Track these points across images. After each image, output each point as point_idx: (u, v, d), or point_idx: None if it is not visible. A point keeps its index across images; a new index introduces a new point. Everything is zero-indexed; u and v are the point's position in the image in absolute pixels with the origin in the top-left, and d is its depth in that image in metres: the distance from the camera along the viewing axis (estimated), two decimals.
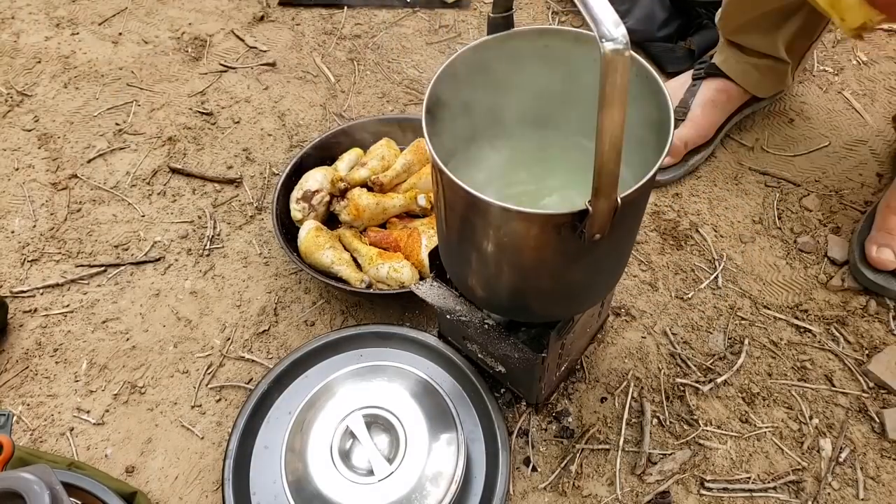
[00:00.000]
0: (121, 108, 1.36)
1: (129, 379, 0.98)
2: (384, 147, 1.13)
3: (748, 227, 1.12)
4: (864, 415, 0.91)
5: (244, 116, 1.33)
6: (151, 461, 0.90)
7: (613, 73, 0.43)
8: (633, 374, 0.96)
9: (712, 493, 0.85)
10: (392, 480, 0.77)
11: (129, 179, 1.23)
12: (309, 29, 1.50)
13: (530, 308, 0.73)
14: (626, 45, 0.43)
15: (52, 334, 1.03)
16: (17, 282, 1.09)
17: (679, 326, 1.01)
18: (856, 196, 1.15)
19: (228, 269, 1.10)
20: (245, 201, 1.19)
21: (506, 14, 0.66)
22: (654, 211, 1.14)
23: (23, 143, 1.30)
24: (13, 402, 0.96)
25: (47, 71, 1.43)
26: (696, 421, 0.91)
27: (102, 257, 1.12)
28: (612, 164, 0.48)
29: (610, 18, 0.43)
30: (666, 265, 1.07)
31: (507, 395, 0.93)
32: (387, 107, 1.34)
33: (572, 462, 0.88)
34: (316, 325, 1.03)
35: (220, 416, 0.94)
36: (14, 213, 1.19)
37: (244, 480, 0.84)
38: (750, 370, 0.96)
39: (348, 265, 1.00)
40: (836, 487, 0.86)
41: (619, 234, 0.64)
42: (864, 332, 0.99)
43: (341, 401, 0.83)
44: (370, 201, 1.04)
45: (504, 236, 0.62)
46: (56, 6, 1.58)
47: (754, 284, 1.05)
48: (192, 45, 1.47)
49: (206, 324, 1.04)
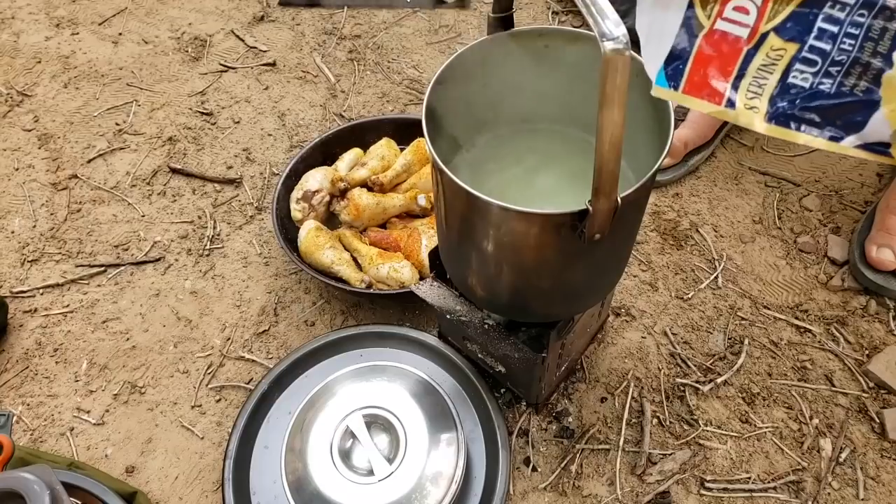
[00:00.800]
0: (121, 108, 1.36)
1: (129, 379, 0.98)
2: (384, 147, 1.13)
3: (748, 227, 1.12)
4: (864, 415, 0.91)
5: (244, 116, 1.33)
6: (151, 461, 0.90)
7: (613, 72, 0.43)
8: (633, 374, 0.96)
9: (712, 493, 0.85)
10: (392, 480, 0.77)
11: (129, 179, 1.23)
12: (309, 29, 1.50)
13: (530, 308, 0.73)
14: (626, 44, 0.43)
15: (52, 334, 1.03)
16: (17, 282, 1.09)
17: (679, 326, 1.00)
18: (856, 196, 1.15)
19: (228, 269, 1.10)
20: (245, 201, 1.19)
21: (506, 14, 0.66)
22: (654, 211, 1.14)
23: (23, 143, 1.30)
24: (13, 402, 0.96)
25: (47, 71, 1.43)
26: (696, 421, 0.91)
27: (102, 257, 1.12)
28: (612, 164, 0.48)
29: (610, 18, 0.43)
30: (666, 265, 1.07)
31: (507, 395, 0.93)
32: (387, 107, 1.34)
33: (572, 462, 0.88)
34: (316, 325, 1.03)
35: (220, 416, 0.94)
36: (14, 213, 1.19)
37: (244, 480, 0.84)
38: (750, 370, 0.96)
39: (348, 265, 1.00)
40: (836, 487, 0.86)
41: (620, 233, 0.64)
42: (864, 332, 0.99)
43: (341, 401, 0.83)
44: (370, 201, 1.04)
45: (504, 236, 0.62)
46: (56, 6, 1.58)
47: (754, 284, 1.05)
48: (192, 45, 1.47)
49: (206, 324, 1.04)
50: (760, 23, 0.49)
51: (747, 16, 0.49)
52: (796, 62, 0.49)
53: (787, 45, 0.49)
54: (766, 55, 0.49)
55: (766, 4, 0.48)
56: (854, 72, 0.48)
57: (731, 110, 0.51)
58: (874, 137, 0.49)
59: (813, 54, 0.48)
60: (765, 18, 0.49)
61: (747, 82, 0.50)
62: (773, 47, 0.49)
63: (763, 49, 0.49)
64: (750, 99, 0.50)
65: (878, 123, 0.48)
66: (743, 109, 0.50)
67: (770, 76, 0.49)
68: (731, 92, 0.50)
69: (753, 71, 0.50)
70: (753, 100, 0.50)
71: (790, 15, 0.48)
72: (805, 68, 0.49)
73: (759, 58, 0.49)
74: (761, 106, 0.50)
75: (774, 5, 0.48)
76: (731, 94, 0.50)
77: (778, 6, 0.48)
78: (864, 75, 0.48)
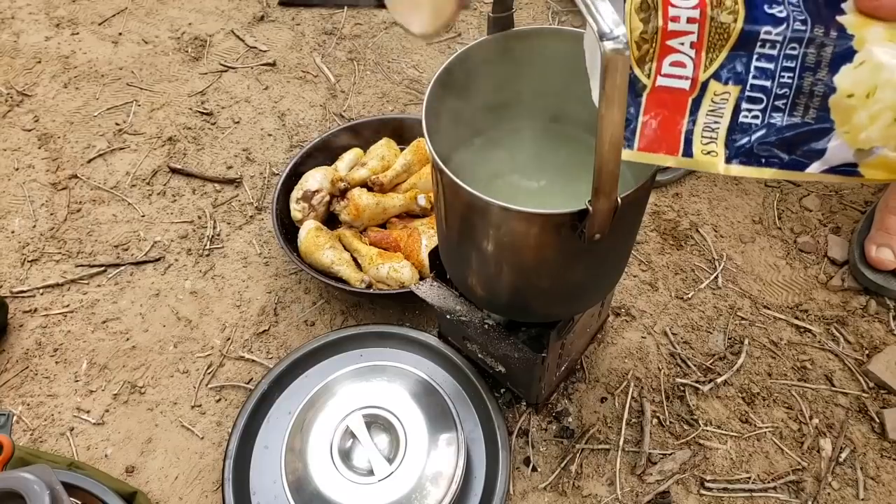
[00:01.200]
0: (121, 108, 1.36)
1: (129, 379, 0.98)
2: (384, 147, 1.13)
3: (748, 227, 1.12)
4: (864, 415, 0.91)
5: (244, 116, 1.33)
6: (151, 461, 0.90)
7: (613, 72, 0.43)
8: (633, 374, 0.96)
9: (712, 493, 0.85)
10: (392, 480, 0.77)
11: (129, 179, 1.23)
12: (309, 29, 1.50)
13: (530, 308, 0.73)
14: (626, 44, 0.42)
15: (52, 334, 1.03)
16: (17, 282, 1.09)
17: (679, 326, 1.00)
18: (856, 196, 1.15)
19: (228, 269, 1.10)
20: (245, 201, 1.19)
21: (506, 14, 0.66)
22: (654, 211, 1.14)
23: (23, 143, 1.30)
24: (13, 402, 0.96)
25: (47, 71, 1.43)
26: (696, 421, 0.91)
27: (102, 257, 1.12)
28: (612, 164, 0.48)
29: (610, 18, 0.43)
30: (666, 265, 1.07)
31: (507, 395, 0.93)
32: (387, 107, 1.34)
33: (572, 462, 0.88)
34: (316, 325, 1.03)
35: (220, 416, 0.94)
36: (14, 213, 1.19)
37: (244, 480, 0.84)
38: (750, 370, 0.96)
39: (348, 265, 1.00)
40: (836, 487, 0.86)
41: (619, 233, 0.64)
42: (864, 332, 0.99)
43: (341, 401, 0.83)
44: (370, 201, 1.04)
45: (504, 236, 0.62)
46: (56, 6, 1.58)
47: (754, 284, 1.05)
48: (192, 45, 1.47)
49: (206, 324, 1.04)
50: (699, 72, 0.49)
51: (685, 69, 0.49)
52: (743, 102, 0.50)
53: (730, 88, 0.50)
54: (711, 101, 0.50)
55: (699, 55, 0.49)
56: (800, 102, 0.49)
57: (689, 159, 0.51)
58: (838, 160, 0.49)
59: (756, 92, 0.49)
60: (701, 68, 0.49)
61: (699, 129, 0.51)
62: (716, 92, 0.50)
63: (707, 96, 0.50)
64: (706, 144, 0.51)
65: (838, 147, 0.49)
66: (701, 156, 0.51)
67: (721, 119, 0.50)
68: (686, 142, 0.51)
69: (703, 117, 0.50)
70: (709, 144, 0.51)
71: (724, 61, 0.49)
72: (752, 107, 0.50)
73: (705, 104, 0.50)
74: (719, 150, 0.51)
75: (708, 54, 0.49)
76: (685, 144, 0.51)
77: (711, 55, 0.49)
78: (811, 103, 0.48)
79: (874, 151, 0.48)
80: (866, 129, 0.48)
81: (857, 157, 0.49)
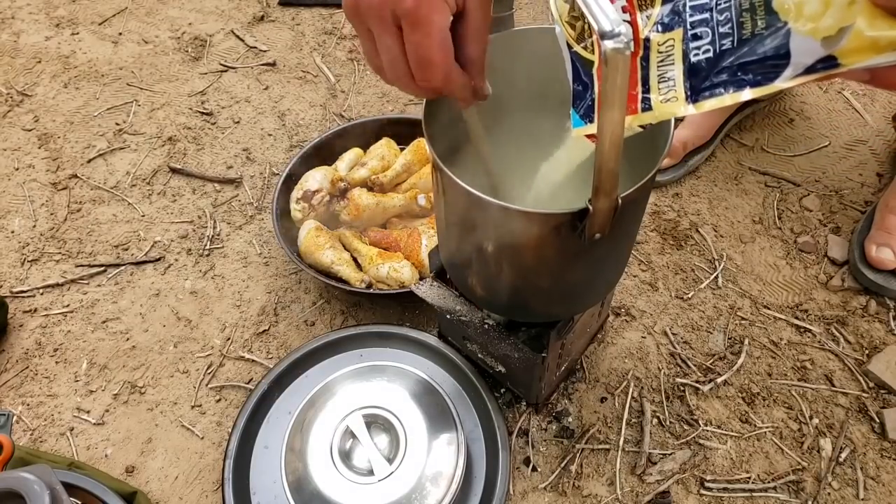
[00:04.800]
0: (121, 108, 1.36)
1: (129, 379, 0.98)
2: (384, 147, 1.13)
3: (748, 227, 1.12)
4: (864, 415, 0.91)
5: (244, 116, 1.33)
6: (151, 461, 0.90)
7: (614, 72, 0.43)
8: (633, 374, 0.96)
9: (712, 493, 0.85)
10: (392, 480, 0.77)
11: (129, 179, 1.23)
12: (309, 29, 1.50)
13: (530, 308, 0.73)
14: (626, 44, 0.42)
15: (52, 334, 1.03)
16: (17, 282, 1.09)
17: (679, 326, 1.00)
18: (856, 196, 1.15)
19: (228, 269, 1.10)
20: (245, 201, 1.19)
21: (506, 14, 0.66)
22: (654, 211, 1.14)
23: (23, 143, 1.30)
24: (13, 402, 0.96)
25: (47, 71, 1.43)
26: (696, 421, 0.91)
27: (102, 257, 1.12)
28: (612, 164, 0.48)
29: (610, 17, 0.43)
30: (666, 265, 1.07)
31: (507, 395, 0.93)
32: (387, 107, 1.34)
33: (572, 462, 0.88)
34: (316, 325, 1.03)
35: (220, 416, 0.94)
36: (14, 213, 1.19)
37: (244, 480, 0.84)
38: (750, 370, 0.96)
39: (348, 265, 1.00)
40: (836, 487, 0.86)
41: (619, 233, 0.64)
42: (864, 332, 0.99)
43: (341, 401, 0.83)
44: (370, 201, 1.04)
45: (504, 236, 0.62)
46: (56, 6, 1.58)
47: (754, 284, 1.05)
48: (192, 45, 1.47)
49: (206, 324, 1.04)
50: (638, 34, 0.49)
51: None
52: (689, 42, 0.49)
53: (672, 35, 0.49)
54: (658, 53, 0.49)
55: (634, 16, 0.49)
56: (745, 18, 0.46)
57: (649, 112, 0.51)
58: (809, 58, 0.45)
59: (698, 28, 0.48)
60: (640, 28, 0.49)
61: (655, 83, 0.50)
62: (660, 43, 0.49)
63: (653, 51, 0.50)
64: (665, 93, 0.50)
65: (802, 44, 0.45)
66: (660, 104, 0.50)
67: (673, 66, 0.49)
68: (644, 100, 0.50)
69: (655, 71, 0.50)
70: (669, 93, 0.50)
71: (659, 15, 0.49)
72: (700, 43, 0.48)
73: (653, 59, 0.50)
74: (679, 94, 0.50)
75: (642, 13, 0.49)
76: (643, 101, 0.51)
77: (646, 13, 0.49)
78: (756, 15, 0.46)
79: (844, 33, 0.43)
80: (824, 13, 0.43)
81: (827, 47, 0.44)
